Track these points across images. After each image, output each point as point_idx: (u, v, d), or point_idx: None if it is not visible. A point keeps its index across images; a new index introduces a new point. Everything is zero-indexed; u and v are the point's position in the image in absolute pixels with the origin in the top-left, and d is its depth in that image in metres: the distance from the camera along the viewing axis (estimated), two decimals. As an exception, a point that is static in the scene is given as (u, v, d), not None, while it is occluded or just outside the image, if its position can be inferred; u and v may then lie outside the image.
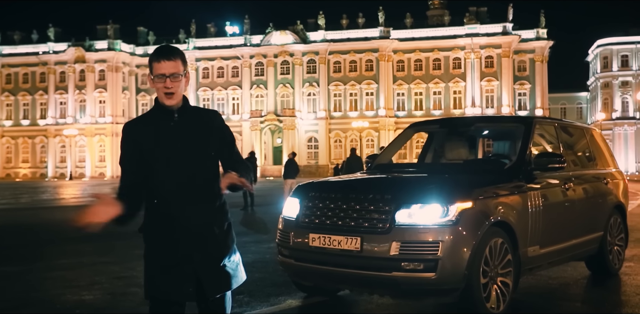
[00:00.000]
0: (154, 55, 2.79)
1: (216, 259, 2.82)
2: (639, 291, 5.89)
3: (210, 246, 2.81)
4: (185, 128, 2.82)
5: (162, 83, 2.77)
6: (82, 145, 76.12)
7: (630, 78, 78.45)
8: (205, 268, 2.79)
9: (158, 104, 2.87)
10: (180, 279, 2.75)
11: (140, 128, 2.85)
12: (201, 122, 2.88)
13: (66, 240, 10.61)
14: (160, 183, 2.79)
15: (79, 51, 75.52)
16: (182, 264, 2.76)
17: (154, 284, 2.81)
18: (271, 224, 13.29)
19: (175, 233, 2.77)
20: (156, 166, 2.79)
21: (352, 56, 71.14)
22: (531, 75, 69.45)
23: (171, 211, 2.77)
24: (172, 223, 2.78)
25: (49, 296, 5.81)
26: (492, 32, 68.12)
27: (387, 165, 6.36)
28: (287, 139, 69.80)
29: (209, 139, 2.86)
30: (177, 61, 2.78)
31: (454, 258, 4.49)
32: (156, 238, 2.81)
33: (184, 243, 2.77)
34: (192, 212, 2.78)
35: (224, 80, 74.59)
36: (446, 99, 69.54)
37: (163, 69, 2.76)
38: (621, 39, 78.64)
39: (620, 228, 6.95)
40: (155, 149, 2.79)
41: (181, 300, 2.81)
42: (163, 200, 2.78)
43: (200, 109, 2.96)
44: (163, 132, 2.81)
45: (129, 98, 77.94)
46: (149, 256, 2.84)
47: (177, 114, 2.83)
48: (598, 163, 6.95)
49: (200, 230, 2.80)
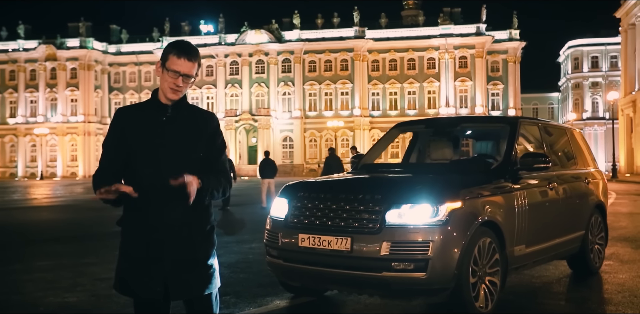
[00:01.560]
0: (176, 49, 2.73)
1: (188, 262, 2.76)
2: (621, 289, 5.98)
3: (183, 247, 2.75)
4: (177, 125, 2.77)
5: (173, 79, 2.73)
6: (53, 144, 75.00)
7: (600, 79, 79.89)
8: (173, 270, 2.72)
9: (155, 97, 2.82)
10: (148, 277, 2.72)
11: (131, 116, 2.80)
12: (195, 122, 2.82)
13: (44, 240, 10.45)
14: (141, 177, 2.73)
15: (50, 49, 74.42)
16: (152, 263, 2.71)
17: (122, 279, 2.79)
18: (250, 224, 13.24)
19: (150, 230, 2.72)
20: (139, 159, 2.74)
21: (327, 56, 71.22)
22: (504, 76, 70.25)
23: (149, 207, 2.71)
24: (148, 220, 2.72)
25: (30, 299, 5.69)
26: (466, 32, 68.76)
27: (374, 165, 6.37)
28: (262, 138, 69.61)
29: (199, 140, 2.80)
30: (195, 63, 2.76)
31: (444, 258, 4.50)
32: (131, 233, 2.78)
33: (157, 241, 2.72)
34: (170, 211, 2.72)
35: (199, 78, 73.94)
36: (421, 99, 69.99)
37: (180, 67, 2.72)
38: (591, 40, 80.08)
39: (600, 227, 7.06)
40: (141, 141, 2.74)
41: (148, 297, 2.76)
42: (142, 195, 2.69)
43: (197, 108, 2.90)
44: (153, 125, 2.76)
45: (102, 97, 77.01)
46: (123, 251, 2.81)
47: (170, 109, 2.79)
48: (579, 162, 7.04)
49: (175, 230, 2.74)
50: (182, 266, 2.74)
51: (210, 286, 2.81)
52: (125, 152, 2.75)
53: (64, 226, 13.53)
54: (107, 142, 2.83)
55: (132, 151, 2.75)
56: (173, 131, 2.75)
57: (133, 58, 76.74)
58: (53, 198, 27.33)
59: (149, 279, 2.72)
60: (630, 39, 59.73)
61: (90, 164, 73.57)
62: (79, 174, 73.07)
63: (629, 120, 59.76)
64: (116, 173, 2.78)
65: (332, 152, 17.78)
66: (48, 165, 74.85)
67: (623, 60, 62.98)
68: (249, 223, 13.58)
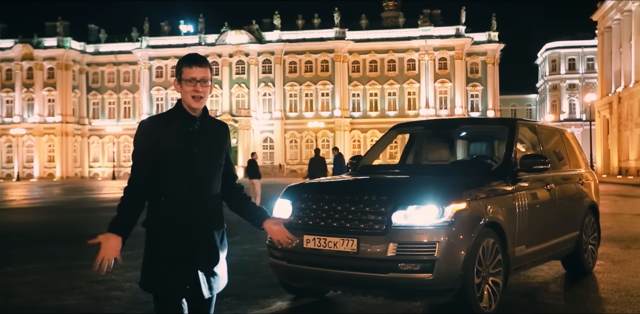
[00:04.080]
0: (186, 61, 2.92)
1: (214, 260, 2.95)
2: (616, 288, 6.07)
3: (210, 246, 2.94)
4: (203, 136, 2.95)
5: (192, 87, 2.90)
6: (29, 144, 74.08)
7: (577, 81, 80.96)
8: (205, 268, 2.90)
9: (180, 108, 2.96)
10: (180, 276, 2.85)
11: (161, 127, 2.92)
12: (217, 133, 3.03)
13: (32, 243, 10.32)
14: (171, 184, 2.88)
15: (27, 48, 73.50)
16: (184, 261, 2.86)
17: (151, 279, 2.90)
18: (240, 225, 13.16)
19: (180, 231, 2.87)
20: (169, 168, 2.88)
21: (308, 56, 71.26)
22: (483, 77, 70.88)
23: (177, 211, 2.86)
24: (177, 222, 2.87)
25: (29, 302, 5.62)
26: (446, 34, 69.28)
27: (373, 166, 6.39)
28: (243, 139, 69.42)
29: (222, 149, 3.02)
30: (207, 68, 2.94)
31: (450, 259, 4.53)
32: (160, 233, 2.89)
33: (186, 240, 2.87)
34: (199, 214, 2.90)
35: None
36: (401, 100, 70.32)
37: (194, 74, 2.89)
38: (568, 42, 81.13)
39: (593, 228, 7.16)
40: (172, 151, 2.88)
41: (177, 296, 2.89)
42: (170, 199, 2.87)
43: (214, 119, 3.07)
44: (183, 135, 2.91)
45: (80, 97, 76.21)
46: (152, 251, 2.92)
47: (199, 121, 2.94)
48: (572, 164, 7.13)
49: (203, 231, 2.92)
50: (210, 265, 2.93)
51: (224, 283, 3.03)
52: (157, 161, 2.88)
53: (50, 228, 13.36)
54: (142, 153, 2.91)
55: (163, 159, 2.87)
56: (202, 141, 2.93)
57: (112, 58, 76.07)
58: (32, 199, 26.98)
59: (179, 278, 2.85)
60: (606, 42, 60.63)
61: (67, 165, 72.78)
62: (56, 175, 72.22)
63: (606, 121, 60.65)
64: (150, 189, 2.92)
65: (317, 153, 17.90)
66: (24, 166, 73.87)
67: (600, 63, 63.90)
68: (238, 224, 13.52)
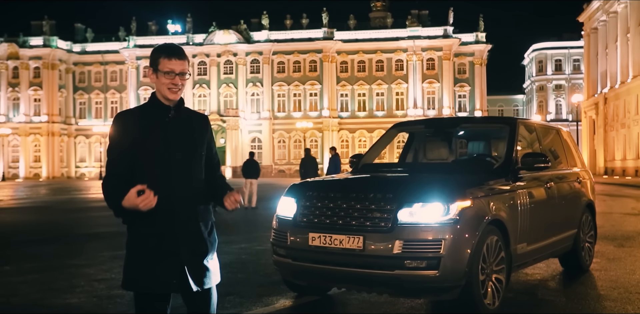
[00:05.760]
0: (164, 52, 2.87)
1: (202, 252, 2.89)
2: (614, 285, 6.14)
3: (196, 241, 2.88)
4: (180, 125, 2.90)
5: (170, 79, 2.86)
6: (15, 144, 73.49)
7: (563, 82, 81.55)
8: (191, 262, 2.84)
9: (155, 100, 2.92)
10: (164, 271, 2.79)
11: (134, 119, 2.86)
12: (194, 122, 2.97)
13: (26, 242, 10.26)
14: (151, 175, 2.81)
15: (12, 47, 72.91)
16: (168, 255, 2.80)
17: (135, 277, 2.83)
18: (235, 224, 13.18)
19: (162, 226, 2.81)
20: (146, 160, 2.83)
21: (296, 56, 71.25)
22: (471, 78, 71.23)
23: (159, 205, 2.76)
24: (159, 217, 2.80)
25: (30, 300, 5.59)
26: (434, 34, 69.54)
27: (375, 164, 6.42)
28: (231, 139, 69.26)
29: (201, 139, 2.95)
30: (185, 61, 2.91)
31: (456, 256, 4.57)
32: (143, 229, 2.83)
33: (171, 236, 2.81)
34: (181, 207, 2.84)
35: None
36: (389, 100, 70.50)
37: (173, 66, 2.86)
38: (555, 43, 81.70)
39: (590, 226, 7.23)
40: (148, 142, 2.82)
41: (163, 292, 2.86)
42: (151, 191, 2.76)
43: (191, 110, 3.05)
44: (158, 125, 2.86)
45: (66, 96, 75.69)
46: (133, 248, 2.86)
47: (173, 110, 2.90)
48: (570, 162, 7.20)
49: (187, 225, 2.86)
50: (196, 258, 2.87)
51: (216, 279, 2.96)
52: (133, 155, 2.82)
53: (43, 228, 13.26)
54: (118, 146, 2.85)
55: (138, 153, 2.82)
56: (178, 130, 2.88)
57: (99, 58, 75.63)
58: (20, 199, 26.77)
59: (164, 272, 2.80)
60: (592, 43, 61.15)
61: (54, 165, 72.24)
62: (42, 175, 71.67)
63: (592, 122, 61.19)
64: (130, 179, 2.81)
65: (307, 153, 17.93)
66: (10, 166, 73.27)
67: (586, 64, 64.45)
68: (234, 223, 13.50)
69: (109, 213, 2.95)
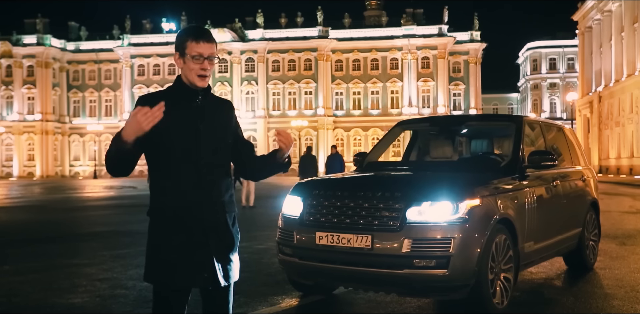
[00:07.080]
0: (191, 35, 2.69)
1: (230, 245, 2.76)
2: (620, 284, 6.11)
3: (224, 231, 2.74)
4: (209, 111, 2.74)
5: (199, 64, 2.68)
6: (9, 143, 73.14)
7: (557, 80, 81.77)
8: (219, 255, 2.70)
9: (181, 84, 2.74)
10: (195, 265, 2.64)
11: (158, 103, 2.52)
12: (222, 108, 2.83)
13: (25, 241, 10.16)
14: (177, 165, 2.65)
15: (6, 45, 72.54)
16: (198, 247, 2.65)
17: (161, 269, 2.66)
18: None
19: (189, 218, 2.66)
20: (173, 146, 2.65)
21: (291, 55, 71.14)
22: (465, 76, 71.30)
23: (186, 193, 2.64)
24: (186, 209, 2.65)
25: (32, 300, 5.51)
26: (428, 33, 69.54)
27: (380, 163, 6.38)
28: (226, 138, 69.07)
29: (228, 125, 2.82)
30: (214, 44, 2.72)
31: (465, 255, 4.52)
32: (169, 220, 2.67)
33: (199, 229, 2.66)
34: (209, 196, 2.69)
35: (160, 77, 73.07)
36: (384, 99, 70.48)
37: (202, 49, 2.68)
38: (549, 42, 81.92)
39: (594, 224, 7.21)
40: (175, 127, 2.64)
41: (194, 286, 2.69)
42: (177, 181, 2.66)
43: (216, 96, 2.90)
44: (186, 110, 2.69)
45: (60, 95, 75.35)
46: (159, 240, 2.68)
47: (201, 96, 2.74)
48: (574, 160, 7.17)
49: (215, 215, 2.71)
50: (226, 250, 2.74)
51: (238, 273, 2.81)
52: (153, 143, 2.63)
53: (40, 228, 13.15)
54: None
55: (168, 138, 2.64)
56: (207, 117, 2.72)
57: (93, 56, 75.32)
58: (14, 198, 26.61)
59: (196, 267, 2.65)
60: (587, 42, 61.30)
61: (48, 164, 71.93)
62: (36, 174, 71.35)
63: (586, 120, 61.34)
64: (151, 166, 2.73)
65: (309, 151, 17.96)
66: (4, 165, 72.97)
67: (580, 62, 64.60)
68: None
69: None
